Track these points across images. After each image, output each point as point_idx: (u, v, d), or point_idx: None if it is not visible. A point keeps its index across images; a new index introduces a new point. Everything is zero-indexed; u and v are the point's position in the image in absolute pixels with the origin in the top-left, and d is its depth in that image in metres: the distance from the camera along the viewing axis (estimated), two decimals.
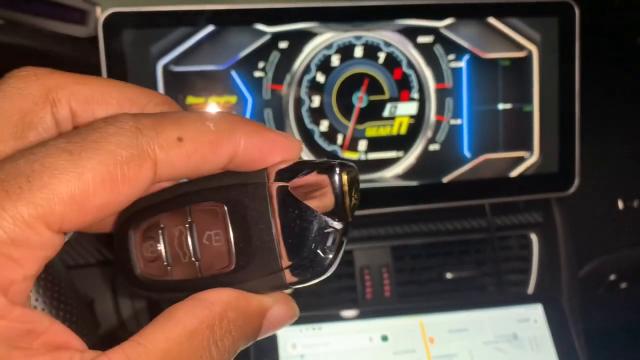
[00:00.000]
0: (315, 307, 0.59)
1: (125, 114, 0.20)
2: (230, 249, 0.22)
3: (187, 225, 0.22)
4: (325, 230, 0.21)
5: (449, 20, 0.57)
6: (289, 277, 0.21)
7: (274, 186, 0.21)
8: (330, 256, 0.21)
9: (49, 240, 0.18)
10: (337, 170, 0.21)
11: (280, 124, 0.55)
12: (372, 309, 0.56)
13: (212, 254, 0.22)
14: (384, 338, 0.54)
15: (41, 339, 0.18)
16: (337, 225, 0.21)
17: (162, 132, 0.20)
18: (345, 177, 0.21)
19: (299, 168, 0.22)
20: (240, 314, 0.21)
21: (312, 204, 0.21)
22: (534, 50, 0.60)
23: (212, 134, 0.21)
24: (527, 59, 0.60)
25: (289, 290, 0.23)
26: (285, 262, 0.21)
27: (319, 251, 0.21)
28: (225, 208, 0.22)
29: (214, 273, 0.22)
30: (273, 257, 0.21)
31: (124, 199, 0.19)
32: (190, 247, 0.22)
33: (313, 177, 0.21)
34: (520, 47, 0.59)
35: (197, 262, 0.22)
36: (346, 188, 0.21)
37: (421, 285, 0.62)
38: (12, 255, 0.17)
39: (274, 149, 0.22)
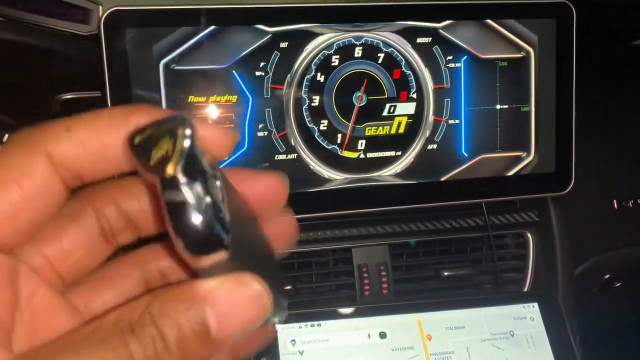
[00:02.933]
0: (314, 305, 0.59)
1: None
2: None
3: None
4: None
5: (447, 22, 0.58)
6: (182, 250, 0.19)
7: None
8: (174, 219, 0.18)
9: None
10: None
11: (281, 123, 0.55)
12: (370, 307, 0.56)
13: None
14: (382, 335, 0.54)
15: None
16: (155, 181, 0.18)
17: (50, 127, 0.20)
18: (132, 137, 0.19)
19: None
20: (165, 303, 0.18)
21: None
22: (532, 51, 0.60)
23: (104, 119, 0.20)
24: (525, 59, 0.60)
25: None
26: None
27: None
28: None
29: None
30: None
31: (29, 193, 0.19)
32: None
33: None
34: (518, 48, 0.60)
35: None
36: (136, 141, 0.19)
37: (419, 283, 0.63)
38: None
39: None
